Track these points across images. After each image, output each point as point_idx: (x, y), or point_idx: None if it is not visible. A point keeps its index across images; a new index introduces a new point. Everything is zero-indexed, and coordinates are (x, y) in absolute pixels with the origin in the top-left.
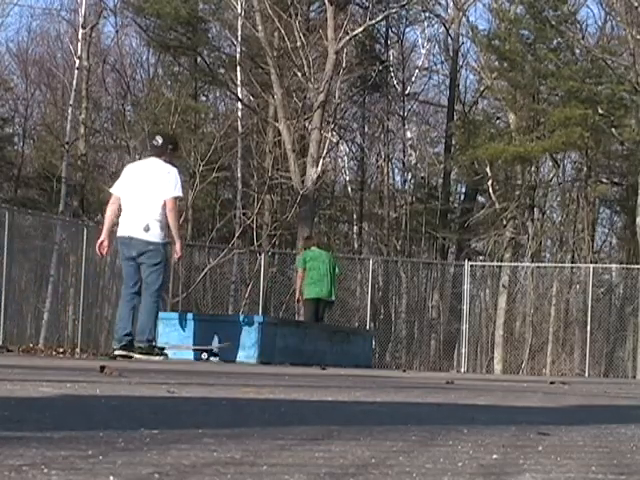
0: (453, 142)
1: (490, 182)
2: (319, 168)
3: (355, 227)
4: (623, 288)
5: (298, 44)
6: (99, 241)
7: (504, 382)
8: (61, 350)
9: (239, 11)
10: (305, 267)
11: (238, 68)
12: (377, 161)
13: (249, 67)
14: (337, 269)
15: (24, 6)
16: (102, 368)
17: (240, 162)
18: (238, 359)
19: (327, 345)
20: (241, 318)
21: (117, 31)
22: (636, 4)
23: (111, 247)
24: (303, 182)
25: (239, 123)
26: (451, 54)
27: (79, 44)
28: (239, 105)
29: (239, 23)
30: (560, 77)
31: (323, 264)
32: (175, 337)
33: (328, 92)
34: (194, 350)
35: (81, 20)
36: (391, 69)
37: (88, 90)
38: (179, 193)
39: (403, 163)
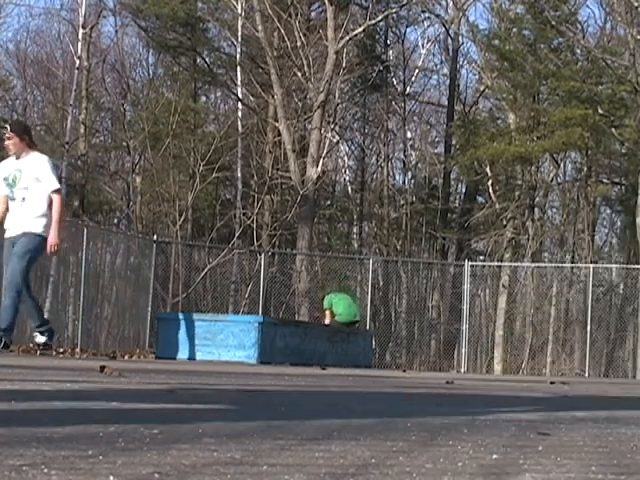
0: (453, 142)
1: (490, 182)
2: (319, 168)
3: (355, 227)
4: (623, 288)
5: (298, 44)
6: None
7: (504, 382)
8: (61, 350)
9: (239, 11)
10: (331, 307)
11: (238, 68)
12: (377, 161)
13: (249, 67)
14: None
15: (23, 6)
16: (102, 368)
17: (240, 162)
18: (238, 359)
19: (327, 345)
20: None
21: (117, 31)
22: (636, 4)
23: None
24: (303, 182)
25: (239, 123)
26: (451, 54)
27: (79, 44)
28: (239, 105)
29: (239, 23)
30: (560, 77)
31: (345, 299)
32: (175, 337)
33: (328, 92)
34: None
35: (81, 20)
36: (391, 69)
37: (88, 90)
38: None
39: (403, 163)
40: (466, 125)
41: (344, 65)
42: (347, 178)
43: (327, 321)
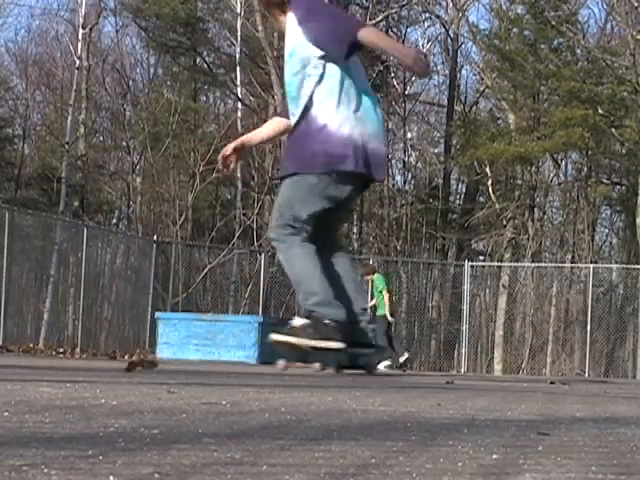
0: (453, 142)
1: (490, 182)
2: None
3: (355, 227)
4: (623, 288)
5: None
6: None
7: (504, 382)
8: (61, 350)
9: (239, 11)
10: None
11: (238, 68)
12: None
13: (249, 67)
14: (385, 286)
15: (24, 6)
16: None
17: (240, 162)
18: (238, 359)
19: None
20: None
21: (117, 31)
22: (636, 4)
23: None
24: None
25: (239, 123)
26: (451, 54)
27: (79, 44)
28: (239, 105)
29: (239, 23)
30: (561, 77)
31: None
32: (175, 337)
33: None
34: None
35: (81, 20)
36: (391, 69)
37: (88, 90)
38: None
39: (403, 163)
40: (466, 125)
41: None
42: None
43: (387, 301)
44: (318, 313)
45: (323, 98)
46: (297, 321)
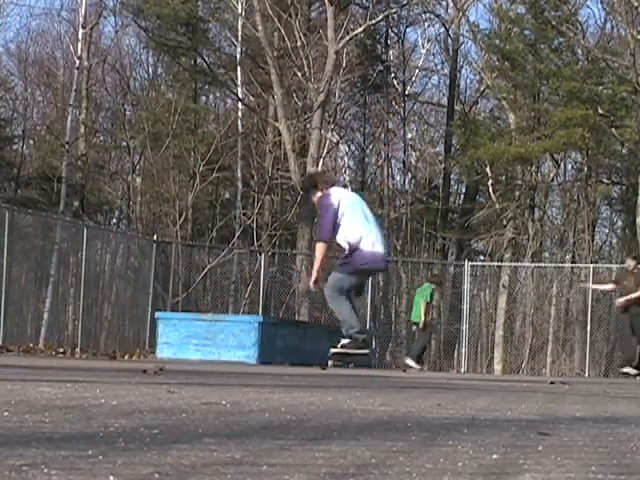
0: (453, 142)
1: (490, 182)
2: (319, 168)
3: None
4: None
5: (298, 44)
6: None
7: (504, 382)
8: (61, 350)
9: (239, 11)
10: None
11: (238, 68)
12: (377, 161)
13: (249, 67)
14: (424, 296)
15: (24, 6)
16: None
17: (240, 162)
18: (238, 359)
19: (327, 345)
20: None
21: (117, 31)
22: (636, 4)
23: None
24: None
25: (239, 123)
26: (451, 54)
27: (79, 44)
28: (239, 105)
29: (239, 23)
30: (561, 77)
31: (418, 295)
32: (175, 337)
33: (328, 92)
34: None
35: (81, 20)
36: (391, 69)
37: (88, 90)
38: None
39: (403, 163)
40: (466, 125)
41: (344, 65)
42: (347, 178)
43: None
44: (355, 337)
45: (353, 236)
46: (345, 341)
